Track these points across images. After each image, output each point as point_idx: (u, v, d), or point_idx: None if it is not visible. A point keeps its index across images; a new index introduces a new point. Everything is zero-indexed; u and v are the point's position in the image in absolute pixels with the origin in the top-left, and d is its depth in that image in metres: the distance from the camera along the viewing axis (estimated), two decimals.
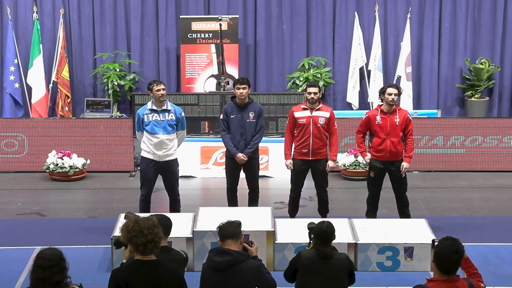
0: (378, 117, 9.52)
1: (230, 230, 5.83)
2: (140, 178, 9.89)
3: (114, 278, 5.36)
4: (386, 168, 9.59)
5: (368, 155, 9.66)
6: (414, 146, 9.74)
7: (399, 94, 9.56)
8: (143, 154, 9.73)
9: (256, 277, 5.72)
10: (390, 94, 9.46)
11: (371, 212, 9.73)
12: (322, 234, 6.32)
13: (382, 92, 9.61)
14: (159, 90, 9.51)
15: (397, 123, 9.48)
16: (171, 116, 9.60)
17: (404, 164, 9.53)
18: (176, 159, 9.75)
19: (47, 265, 5.16)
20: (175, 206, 9.79)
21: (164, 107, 9.61)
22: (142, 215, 9.20)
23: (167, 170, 9.68)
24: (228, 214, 8.44)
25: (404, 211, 9.68)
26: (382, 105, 9.60)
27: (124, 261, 5.67)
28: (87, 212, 10.93)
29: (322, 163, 9.72)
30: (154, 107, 9.60)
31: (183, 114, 9.79)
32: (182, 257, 5.96)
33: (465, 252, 5.35)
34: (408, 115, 9.62)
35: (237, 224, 5.91)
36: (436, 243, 5.26)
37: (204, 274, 5.80)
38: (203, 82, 14.79)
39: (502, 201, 11.38)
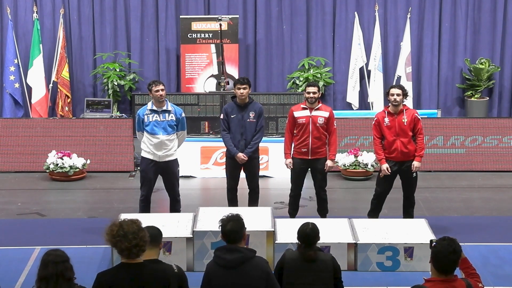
0: (386, 119, 9.52)
1: (234, 236, 5.80)
2: (140, 178, 9.88)
3: (97, 282, 5.31)
4: (398, 169, 9.56)
5: (386, 164, 9.55)
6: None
7: (404, 94, 9.53)
8: (143, 154, 9.73)
9: (264, 272, 5.71)
10: (392, 95, 9.47)
11: (373, 212, 9.70)
12: (306, 237, 6.29)
13: (387, 93, 9.64)
14: (157, 90, 9.51)
15: (405, 123, 9.47)
16: (171, 116, 9.60)
17: (415, 163, 9.51)
18: (176, 160, 9.75)
19: (60, 260, 5.20)
20: (175, 207, 9.79)
21: (164, 108, 9.61)
22: (141, 215, 9.25)
23: (167, 171, 9.68)
24: (225, 215, 8.45)
25: (408, 211, 9.67)
26: (389, 106, 9.60)
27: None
28: (87, 212, 10.93)
29: (322, 162, 9.73)
30: (154, 108, 9.60)
31: (183, 114, 9.78)
32: (172, 271, 5.46)
33: (463, 252, 5.35)
34: (416, 114, 9.61)
35: (240, 226, 5.85)
36: (433, 243, 5.26)
37: (212, 272, 5.75)
38: (203, 82, 14.78)
39: (502, 201, 11.38)
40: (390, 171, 9.51)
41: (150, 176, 9.68)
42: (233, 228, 5.80)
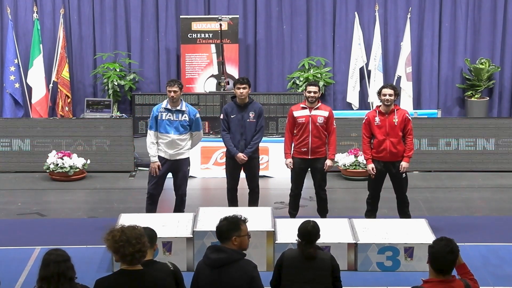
0: (376, 118, 9.54)
1: (220, 235, 5.80)
2: (149, 175, 9.82)
3: None
4: (386, 169, 9.59)
5: (372, 164, 9.63)
6: (414, 146, 9.74)
7: (396, 94, 9.55)
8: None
9: (248, 275, 5.68)
10: (385, 95, 9.48)
11: (371, 212, 9.73)
12: (306, 234, 6.30)
13: (378, 93, 9.65)
14: (170, 91, 9.52)
15: (396, 123, 9.48)
16: (185, 117, 9.60)
17: (403, 164, 9.53)
18: (187, 159, 9.74)
19: (61, 259, 5.18)
20: (180, 207, 9.76)
21: (179, 108, 9.60)
22: (142, 215, 9.22)
23: (177, 169, 9.69)
24: (228, 214, 8.47)
25: (404, 211, 9.70)
26: (380, 106, 9.61)
27: None
28: (87, 212, 10.93)
29: (321, 162, 9.74)
30: (169, 107, 9.60)
31: (198, 115, 9.76)
32: (168, 269, 5.55)
33: (462, 258, 5.35)
34: (407, 115, 9.62)
35: (230, 228, 5.81)
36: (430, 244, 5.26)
37: (199, 270, 5.79)
38: (203, 82, 14.79)
39: (502, 201, 11.38)
40: (375, 172, 9.55)
41: (160, 173, 9.66)
42: (221, 226, 5.78)
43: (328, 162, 9.76)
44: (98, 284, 5.26)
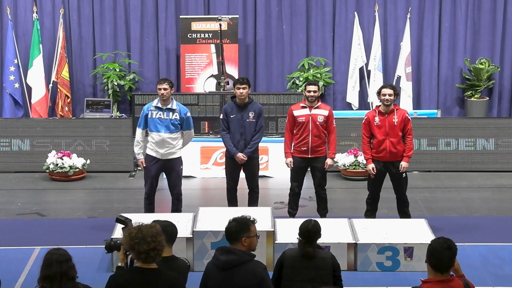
0: (376, 118, 9.54)
1: (229, 236, 5.81)
2: (144, 175, 9.88)
3: (109, 285, 5.25)
4: (386, 169, 9.60)
5: (372, 164, 9.63)
6: (414, 146, 9.75)
7: (395, 94, 9.57)
8: (147, 151, 9.76)
9: (258, 277, 5.68)
10: (384, 95, 9.49)
11: (370, 212, 9.74)
12: (306, 233, 6.33)
13: (378, 93, 9.66)
14: (160, 89, 9.57)
15: (395, 123, 9.48)
16: (175, 115, 9.62)
17: (403, 164, 9.54)
18: (179, 158, 9.77)
19: (63, 259, 5.20)
20: (177, 206, 9.80)
21: (169, 106, 9.62)
22: (146, 215, 9.24)
23: (170, 169, 9.72)
24: (228, 214, 8.46)
25: (404, 211, 9.71)
26: (380, 106, 9.61)
27: (120, 264, 5.58)
28: (87, 212, 10.94)
29: (321, 161, 9.76)
30: (159, 105, 9.63)
31: (188, 114, 9.79)
32: (186, 266, 5.85)
33: (461, 254, 5.34)
34: (407, 115, 9.63)
35: (239, 228, 5.81)
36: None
37: (209, 271, 5.79)
38: (203, 82, 14.78)
39: (502, 201, 11.38)
40: (375, 171, 9.55)
41: (152, 173, 9.70)
42: (231, 227, 5.79)
43: (329, 161, 9.77)
44: (111, 280, 5.29)
